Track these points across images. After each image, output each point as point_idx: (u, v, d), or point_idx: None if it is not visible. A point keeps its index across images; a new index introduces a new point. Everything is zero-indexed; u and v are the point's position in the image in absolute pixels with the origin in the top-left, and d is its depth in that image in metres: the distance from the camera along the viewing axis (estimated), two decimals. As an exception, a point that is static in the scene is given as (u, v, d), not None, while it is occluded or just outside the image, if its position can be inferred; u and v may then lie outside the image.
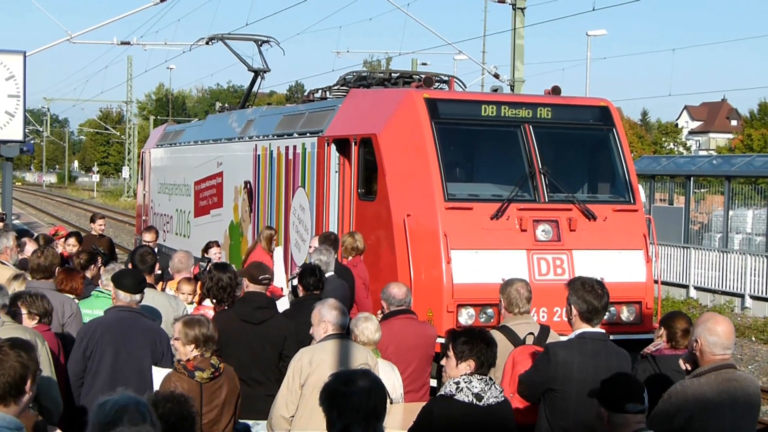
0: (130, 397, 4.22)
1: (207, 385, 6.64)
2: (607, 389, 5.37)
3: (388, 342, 8.38)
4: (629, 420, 5.24)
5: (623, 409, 5.23)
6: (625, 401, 5.24)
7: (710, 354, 5.79)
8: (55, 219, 52.08)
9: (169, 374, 6.76)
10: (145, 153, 25.86)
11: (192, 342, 6.68)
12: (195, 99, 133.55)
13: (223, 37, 21.40)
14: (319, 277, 9.50)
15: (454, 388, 5.84)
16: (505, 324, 7.95)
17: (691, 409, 5.72)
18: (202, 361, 6.66)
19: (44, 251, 9.27)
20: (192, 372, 6.59)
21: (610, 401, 5.26)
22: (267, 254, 13.20)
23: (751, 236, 28.44)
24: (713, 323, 5.84)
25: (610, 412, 5.23)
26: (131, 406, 4.15)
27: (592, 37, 42.70)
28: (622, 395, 5.29)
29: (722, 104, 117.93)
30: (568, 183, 12.41)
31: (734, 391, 5.78)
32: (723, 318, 5.99)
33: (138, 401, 4.20)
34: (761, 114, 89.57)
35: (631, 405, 5.24)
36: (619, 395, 5.30)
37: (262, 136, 16.90)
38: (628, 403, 5.24)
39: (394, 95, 13.11)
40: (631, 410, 5.23)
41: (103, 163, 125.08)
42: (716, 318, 5.93)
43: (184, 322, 6.79)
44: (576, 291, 6.81)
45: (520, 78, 27.86)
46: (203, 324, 6.76)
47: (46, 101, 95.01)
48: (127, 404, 4.15)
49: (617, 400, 5.26)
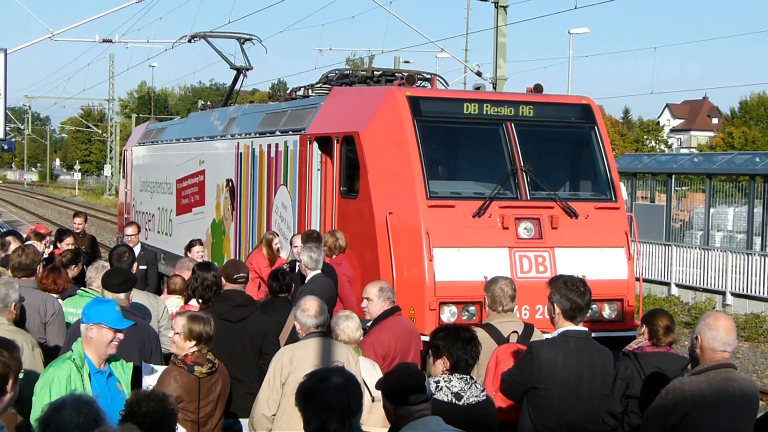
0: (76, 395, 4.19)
1: (204, 380, 6.79)
2: (389, 383, 5.27)
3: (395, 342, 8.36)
4: (412, 411, 5.16)
5: (407, 401, 5.14)
6: (408, 394, 5.16)
7: (710, 351, 5.76)
8: (37, 217, 51.84)
9: (168, 368, 6.88)
10: (127, 151, 25.78)
11: (195, 338, 6.82)
12: (177, 97, 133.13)
13: (205, 35, 21.37)
14: (284, 280, 9.53)
15: (433, 387, 5.84)
16: (489, 322, 7.95)
17: (688, 407, 5.70)
18: (200, 356, 6.80)
19: (25, 249, 9.23)
20: (191, 367, 6.74)
21: (395, 395, 5.17)
22: (265, 258, 13.09)
23: (732, 234, 28.60)
24: (713, 319, 5.84)
25: (395, 406, 5.15)
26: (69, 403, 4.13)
27: (575, 35, 42.80)
28: (405, 389, 5.19)
29: (703, 102, 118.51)
30: (549, 181, 12.44)
31: (732, 391, 5.75)
32: (723, 315, 6.01)
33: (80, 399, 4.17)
34: (742, 112, 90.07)
35: (414, 396, 5.16)
36: (402, 389, 5.20)
37: (244, 134, 16.87)
38: (411, 395, 5.16)
39: (377, 93, 13.11)
40: (414, 401, 5.16)
41: (85, 161, 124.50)
42: (717, 315, 5.95)
43: (190, 318, 6.90)
44: (559, 289, 6.82)
45: (503, 76, 27.89)
46: (207, 322, 6.90)
47: (27, 99, 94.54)
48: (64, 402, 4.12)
49: (401, 393, 5.17)
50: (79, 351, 6.32)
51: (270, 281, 9.57)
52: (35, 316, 8.28)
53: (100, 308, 6.41)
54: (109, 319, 6.33)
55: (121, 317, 6.41)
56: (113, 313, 6.37)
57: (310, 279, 10.54)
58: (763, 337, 21.36)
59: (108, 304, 6.50)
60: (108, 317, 6.34)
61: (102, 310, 6.38)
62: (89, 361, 6.32)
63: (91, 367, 6.30)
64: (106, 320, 6.32)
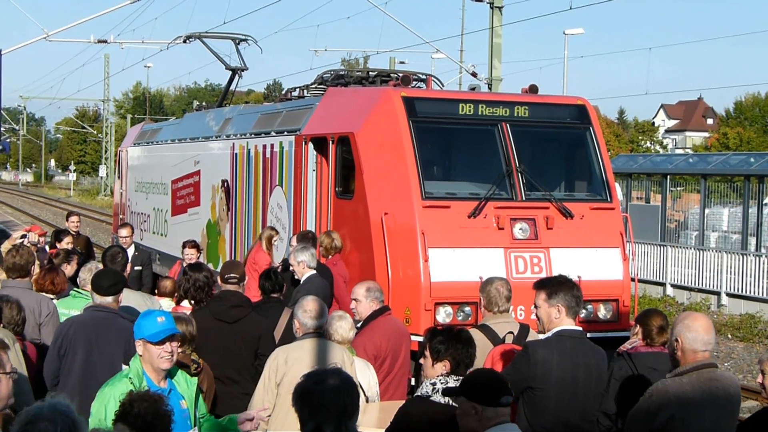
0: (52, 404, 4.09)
1: None
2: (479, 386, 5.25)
3: (386, 341, 8.36)
4: (499, 413, 5.15)
5: (498, 402, 5.14)
6: (501, 395, 5.16)
7: (691, 352, 5.75)
8: (32, 218, 51.76)
9: None
10: (122, 151, 25.76)
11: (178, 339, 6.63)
12: (172, 97, 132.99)
13: (200, 35, 21.35)
14: (275, 280, 9.51)
15: (430, 389, 5.82)
16: (485, 323, 7.95)
17: (673, 409, 5.70)
18: (184, 357, 6.73)
19: (19, 250, 9.19)
20: None
21: (488, 396, 5.15)
22: (266, 253, 13.12)
23: (727, 234, 28.64)
24: (691, 320, 5.84)
25: (483, 407, 5.13)
26: (45, 413, 4.03)
27: (570, 35, 42.85)
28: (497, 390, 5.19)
29: (698, 103, 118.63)
30: (545, 181, 12.45)
31: (716, 391, 5.75)
32: (700, 314, 5.99)
33: (55, 408, 4.07)
34: (737, 113, 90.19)
35: (505, 398, 5.16)
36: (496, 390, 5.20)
37: (239, 134, 16.86)
38: (503, 396, 5.17)
39: (372, 94, 13.11)
40: (505, 402, 5.16)
41: (80, 161, 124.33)
42: (694, 315, 5.94)
43: None
44: (565, 289, 6.84)
45: (498, 76, 27.90)
46: (189, 322, 6.85)
47: (22, 99, 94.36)
48: (41, 412, 4.03)
49: (495, 394, 5.16)
50: (137, 368, 6.08)
51: (262, 281, 9.52)
52: (30, 317, 8.26)
53: (141, 323, 6.14)
54: (149, 332, 6.04)
55: (162, 329, 6.06)
56: (154, 325, 6.06)
57: (306, 279, 10.53)
58: (757, 338, 21.38)
59: (149, 317, 6.18)
60: (148, 331, 6.05)
61: (142, 325, 6.11)
62: (148, 378, 6.06)
63: (150, 384, 6.02)
64: (146, 335, 6.05)
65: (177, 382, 6.26)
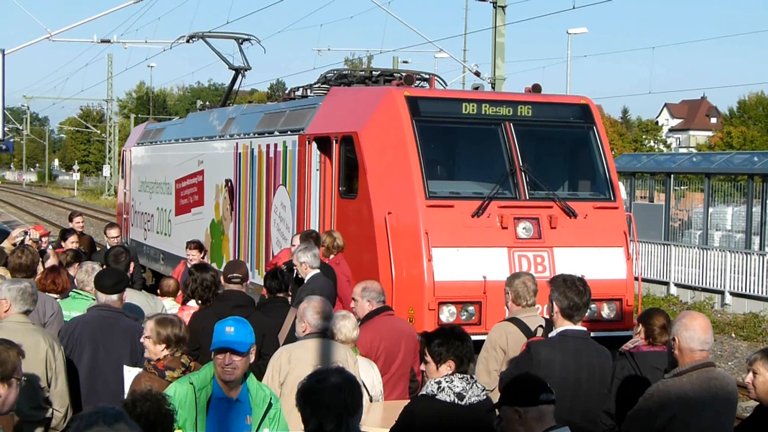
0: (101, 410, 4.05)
1: None
2: (515, 390, 5.19)
3: (379, 341, 8.35)
4: (544, 411, 5.10)
5: (539, 400, 5.08)
6: (539, 393, 5.10)
7: (689, 351, 5.78)
8: (36, 218, 51.82)
9: (139, 374, 6.62)
10: (126, 151, 25.79)
11: (163, 341, 6.52)
12: (176, 97, 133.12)
13: (203, 35, 21.37)
14: (281, 279, 9.51)
15: (435, 387, 5.82)
16: (515, 316, 8.05)
17: (674, 408, 5.72)
18: (173, 360, 6.52)
19: (24, 250, 9.21)
20: (162, 372, 6.44)
21: (526, 396, 5.10)
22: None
23: (730, 233, 28.62)
24: (689, 319, 5.86)
25: (525, 408, 5.07)
26: None
27: (573, 35, 42.82)
28: (534, 389, 5.15)
29: (702, 102, 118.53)
30: (548, 180, 12.44)
31: (715, 390, 5.78)
32: (698, 313, 6.02)
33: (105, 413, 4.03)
34: (740, 112, 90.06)
35: (545, 395, 5.11)
36: (533, 389, 5.15)
37: (243, 134, 16.87)
38: (542, 393, 5.11)
39: (375, 93, 13.11)
40: (546, 399, 5.11)
41: (84, 161, 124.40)
42: (691, 314, 5.96)
43: (157, 321, 6.62)
44: (558, 287, 6.84)
45: (501, 76, 27.89)
46: (175, 324, 6.63)
47: (25, 99, 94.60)
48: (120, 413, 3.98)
49: (533, 393, 5.11)
50: (206, 373, 5.93)
51: (269, 280, 9.54)
52: (34, 316, 8.27)
53: (215, 328, 5.96)
54: (216, 341, 5.87)
55: (219, 339, 5.85)
56: (218, 334, 5.89)
57: (311, 278, 10.52)
58: (761, 337, 21.37)
59: (221, 324, 5.98)
60: (214, 338, 5.89)
61: (215, 330, 5.95)
62: (216, 386, 5.89)
63: (216, 392, 5.87)
64: (213, 344, 5.88)
65: (254, 396, 6.01)
